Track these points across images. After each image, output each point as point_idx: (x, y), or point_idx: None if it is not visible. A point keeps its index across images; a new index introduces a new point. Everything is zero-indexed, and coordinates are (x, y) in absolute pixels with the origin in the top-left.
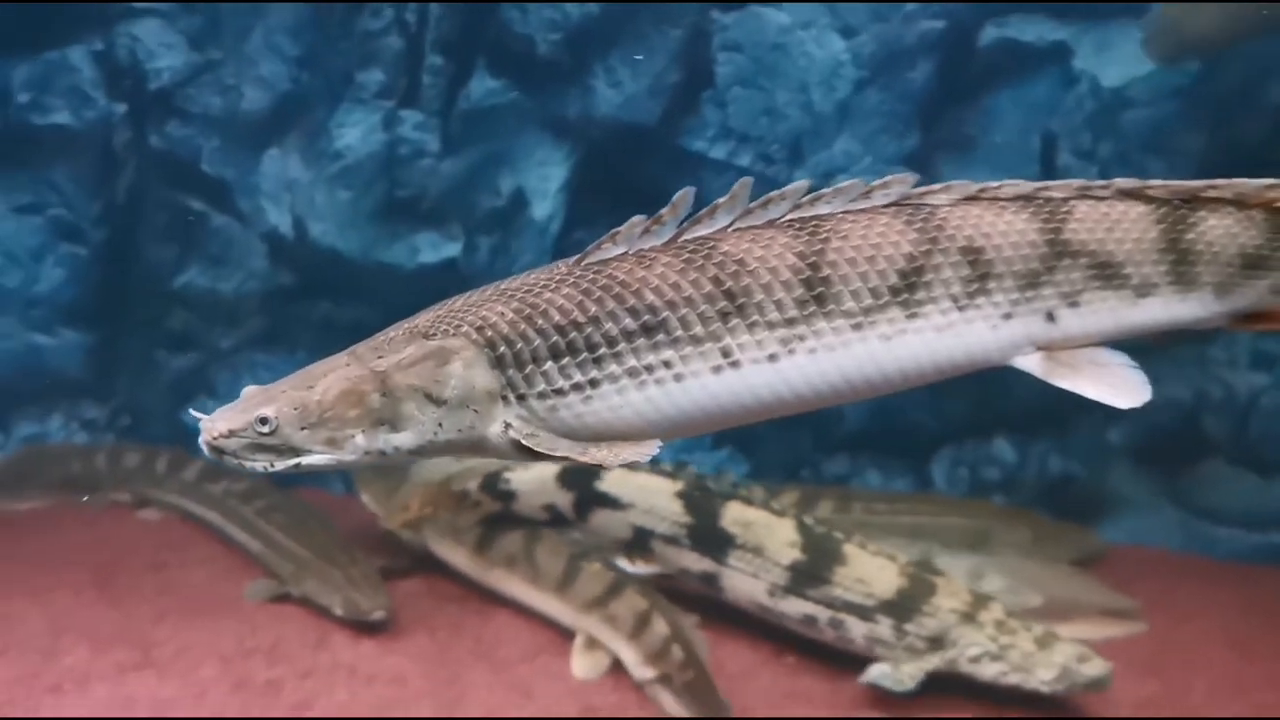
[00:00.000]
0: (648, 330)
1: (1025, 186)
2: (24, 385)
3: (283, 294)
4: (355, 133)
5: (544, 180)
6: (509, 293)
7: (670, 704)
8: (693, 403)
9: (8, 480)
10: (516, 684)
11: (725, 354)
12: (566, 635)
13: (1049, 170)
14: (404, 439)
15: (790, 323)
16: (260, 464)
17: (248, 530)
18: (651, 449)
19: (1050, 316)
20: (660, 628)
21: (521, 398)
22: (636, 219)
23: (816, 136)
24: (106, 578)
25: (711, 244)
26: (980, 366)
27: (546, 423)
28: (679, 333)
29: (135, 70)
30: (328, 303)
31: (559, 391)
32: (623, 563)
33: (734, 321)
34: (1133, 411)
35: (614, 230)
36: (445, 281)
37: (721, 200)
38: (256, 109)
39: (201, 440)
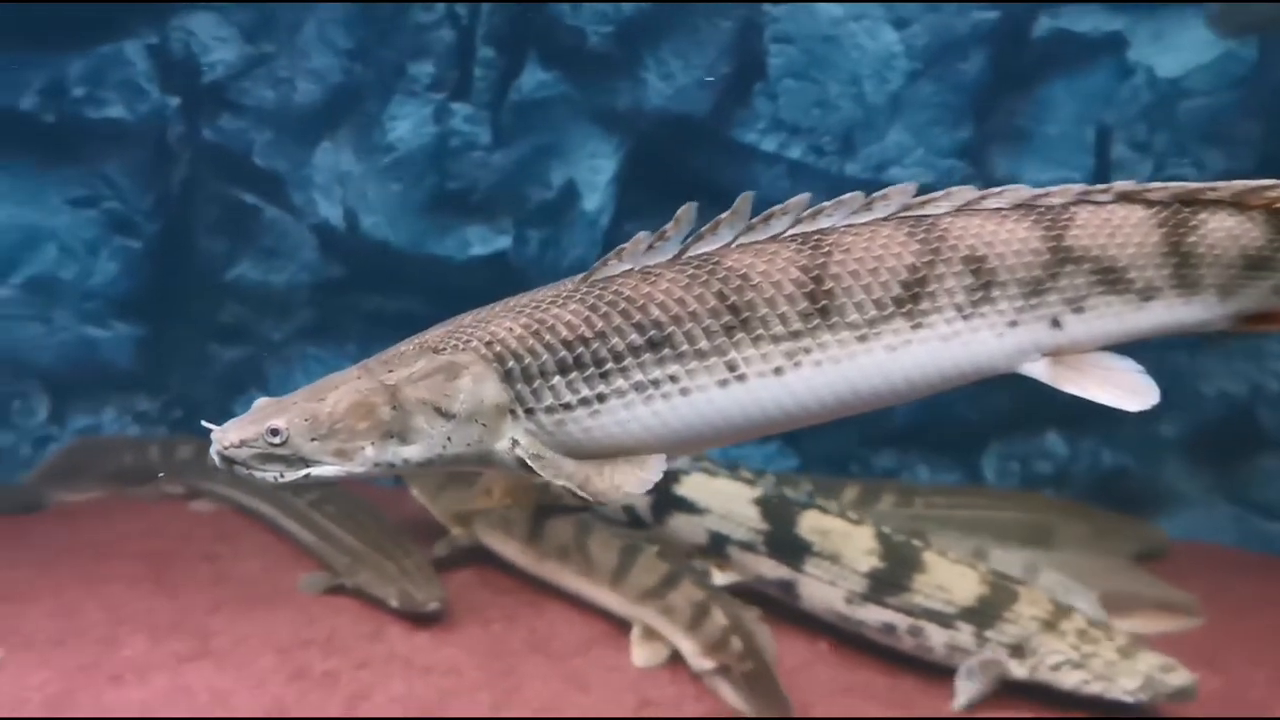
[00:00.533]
0: (654, 345)
1: (1025, 192)
2: (78, 378)
3: (334, 286)
4: (407, 125)
5: (594, 173)
6: (517, 309)
7: (729, 696)
8: (699, 417)
9: (62, 472)
10: (573, 676)
11: (731, 368)
12: (621, 627)
13: (1103, 162)
14: (413, 451)
15: (795, 336)
16: (271, 474)
17: (301, 522)
18: (655, 474)
19: (1055, 323)
20: (719, 618)
21: (530, 412)
22: (641, 235)
23: (868, 128)
24: (161, 569)
25: (715, 259)
26: (987, 374)
27: (554, 437)
28: (684, 347)
29: (189, 64)
30: (378, 295)
31: (566, 406)
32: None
33: (739, 335)
34: (1183, 408)
35: (619, 247)
36: (495, 274)
37: (724, 216)
38: (309, 102)
39: (212, 450)
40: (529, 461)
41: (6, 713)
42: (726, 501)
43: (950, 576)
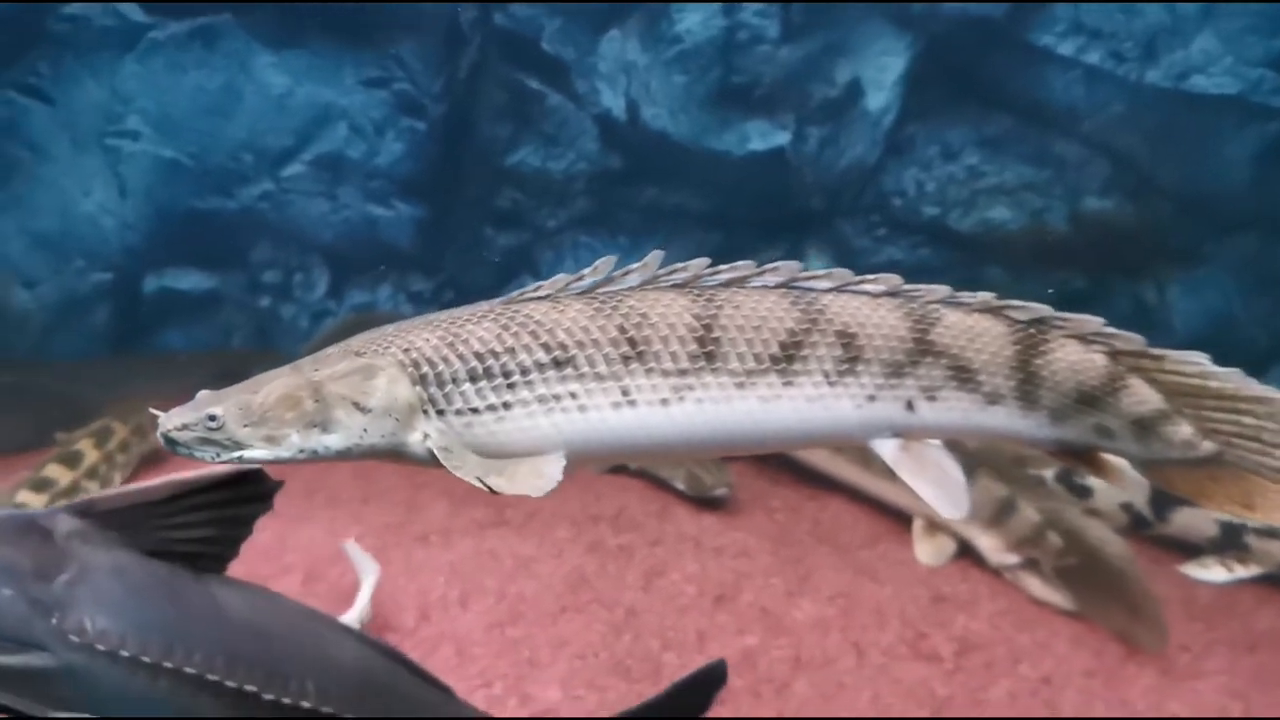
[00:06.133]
0: (558, 364)
1: (896, 281)
2: (357, 255)
3: (610, 176)
4: (696, 17)
5: (881, 71)
6: (435, 323)
7: (1039, 590)
8: (594, 433)
9: None
10: (863, 568)
11: (624, 393)
12: (906, 523)
13: None
14: (333, 440)
15: (682, 373)
16: (208, 455)
17: None
18: (549, 483)
19: (910, 405)
20: (1028, 514)
21: (441, 413)
22: (560, 276)
23: (1174, 35)
24: None
25: (620, 298)
26: (845, 440)
27: (463, 438)
28: (585, 369)
29: None
30: (654, 188)
31: (475, 410)
32: (1203, 571)
33: (634, 365)
34: None
35: (538, 283)
36: (772, 171)
37: (634, 266)
38: None
39: (159, 432)
40: (437, 453)
41: (325, 563)
42: None
43: None
